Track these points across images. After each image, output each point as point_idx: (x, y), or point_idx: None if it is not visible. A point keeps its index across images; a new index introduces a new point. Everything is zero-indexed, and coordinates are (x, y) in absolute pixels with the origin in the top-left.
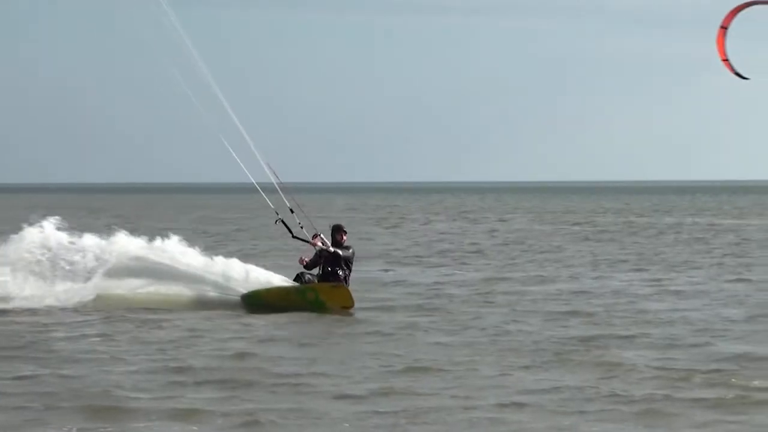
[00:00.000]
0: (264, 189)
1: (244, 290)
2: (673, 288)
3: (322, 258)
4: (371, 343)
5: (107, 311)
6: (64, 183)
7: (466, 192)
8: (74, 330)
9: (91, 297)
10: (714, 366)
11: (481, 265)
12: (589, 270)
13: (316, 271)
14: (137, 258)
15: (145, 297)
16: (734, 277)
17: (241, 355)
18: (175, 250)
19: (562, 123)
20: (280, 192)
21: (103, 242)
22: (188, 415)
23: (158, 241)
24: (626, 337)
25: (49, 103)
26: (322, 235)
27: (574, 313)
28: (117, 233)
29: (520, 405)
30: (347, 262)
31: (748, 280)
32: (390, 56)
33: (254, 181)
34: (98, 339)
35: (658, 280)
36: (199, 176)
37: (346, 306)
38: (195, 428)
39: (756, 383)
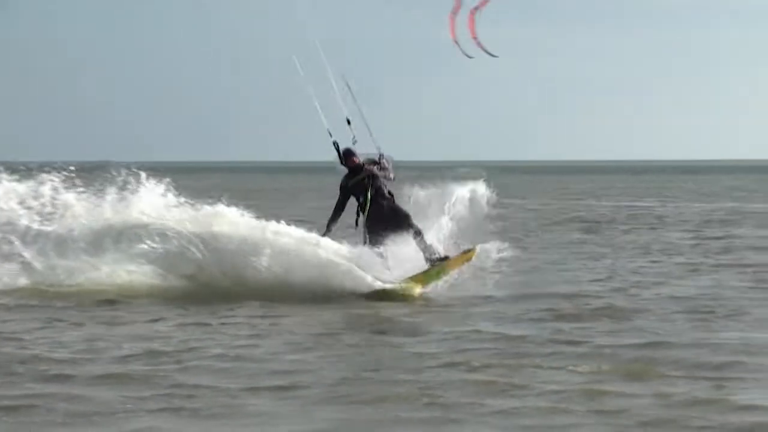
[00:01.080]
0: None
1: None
2: None
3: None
4: (146, 324)
5: None
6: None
7: (269, 172)
8: None
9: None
10: (484, 346)
11: None
12: None
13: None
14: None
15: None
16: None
17: (15, 340)
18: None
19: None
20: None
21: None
22: None
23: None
24: (401, 319)
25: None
26: (386, 158)
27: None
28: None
29: (301, 387)
30: (387, 176)
31: (525, 261)
32: None
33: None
34: None
35: None
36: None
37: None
38: None
39: (525, 362)
